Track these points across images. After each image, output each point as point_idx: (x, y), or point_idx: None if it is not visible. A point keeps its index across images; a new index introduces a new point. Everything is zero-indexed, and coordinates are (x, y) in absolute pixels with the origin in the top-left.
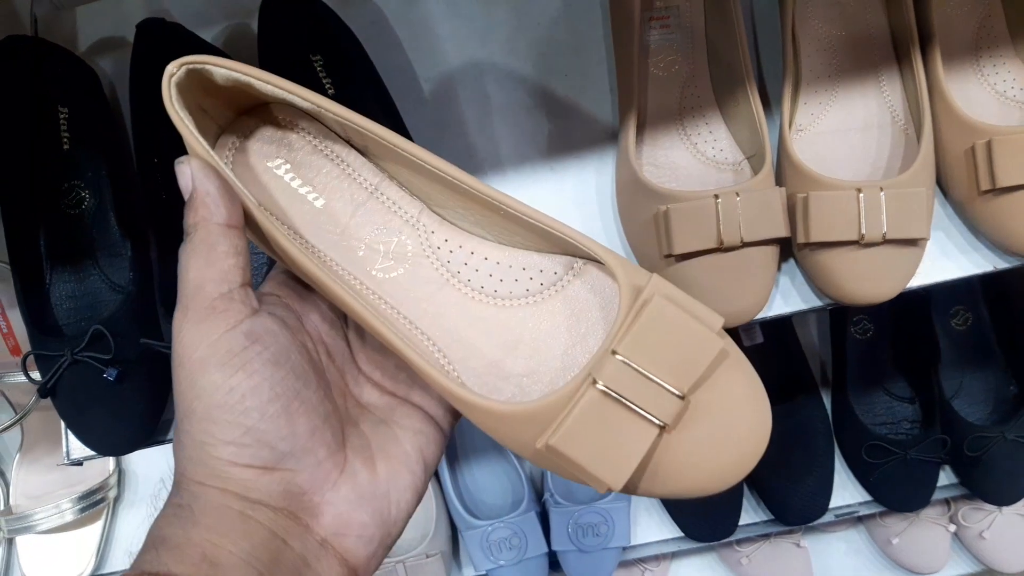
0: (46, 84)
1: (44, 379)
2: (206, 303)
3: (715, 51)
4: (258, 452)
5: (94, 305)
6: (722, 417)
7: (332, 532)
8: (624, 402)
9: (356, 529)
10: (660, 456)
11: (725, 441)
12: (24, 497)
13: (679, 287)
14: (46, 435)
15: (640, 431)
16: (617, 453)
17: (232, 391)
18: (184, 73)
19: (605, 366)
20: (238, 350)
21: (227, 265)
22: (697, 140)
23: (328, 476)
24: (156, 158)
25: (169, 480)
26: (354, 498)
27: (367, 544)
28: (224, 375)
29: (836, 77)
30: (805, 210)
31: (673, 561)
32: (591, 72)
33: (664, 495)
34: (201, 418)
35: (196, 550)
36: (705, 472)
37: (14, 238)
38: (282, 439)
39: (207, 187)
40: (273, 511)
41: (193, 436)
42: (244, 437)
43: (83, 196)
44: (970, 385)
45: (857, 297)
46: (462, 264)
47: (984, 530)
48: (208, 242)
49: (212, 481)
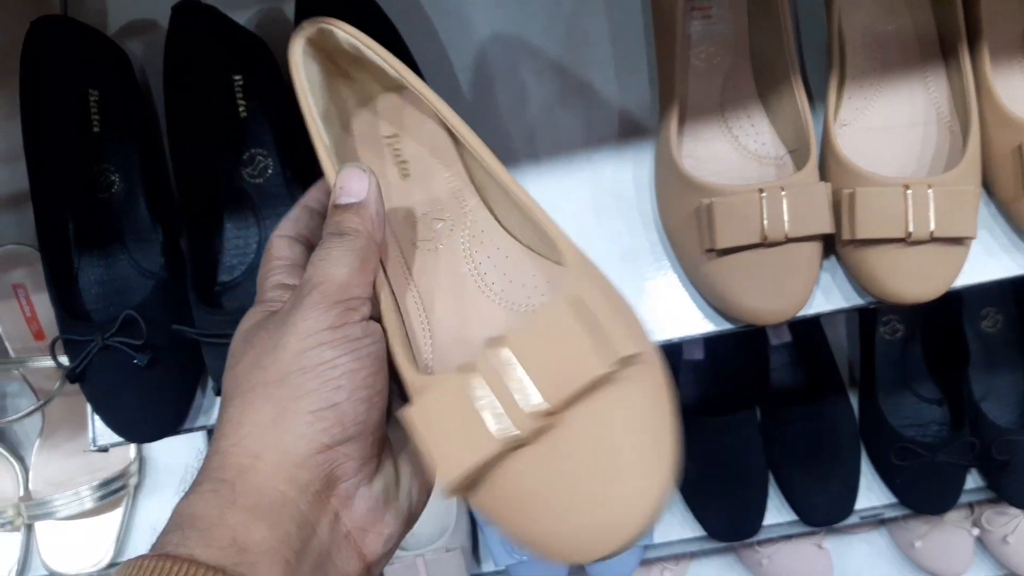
0: (77, 65)
1: (73, 364)
2: (345, 297)
3: (758, 43)
4: (331, 428)
5: (123, 291)
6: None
7: (358, 526)
8: (488, 393)
9: (379, 526)
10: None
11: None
12: (44, 483)
13: (720, 282)
14: (67, 421)
15: (492, 430)
16: (460, 446)
17: (335, 367)
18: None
19: (490, 355)
20: (353, 338)
21: (371, 280)
22: (739, 133)
23: (370, 471)
24: (189, 142)
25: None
26: (383, 496)
27: (386, 542)
28: (335, 353)
29: (881, 72)
30: (851, 206)
31: (692, 561)
32: (630, 63)
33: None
34: (295, 385)
35: (227, 533)
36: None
37: (43, 222)
38: (356, 424)
39: (378, 207)
40: (313, 497)
41: (277, 402)
42: (328, 411)
43: (113, 180)
44: (999, 388)
45: (902, 296)
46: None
47: (1008, 534)
48: (366, 254)
49: (270, 453)
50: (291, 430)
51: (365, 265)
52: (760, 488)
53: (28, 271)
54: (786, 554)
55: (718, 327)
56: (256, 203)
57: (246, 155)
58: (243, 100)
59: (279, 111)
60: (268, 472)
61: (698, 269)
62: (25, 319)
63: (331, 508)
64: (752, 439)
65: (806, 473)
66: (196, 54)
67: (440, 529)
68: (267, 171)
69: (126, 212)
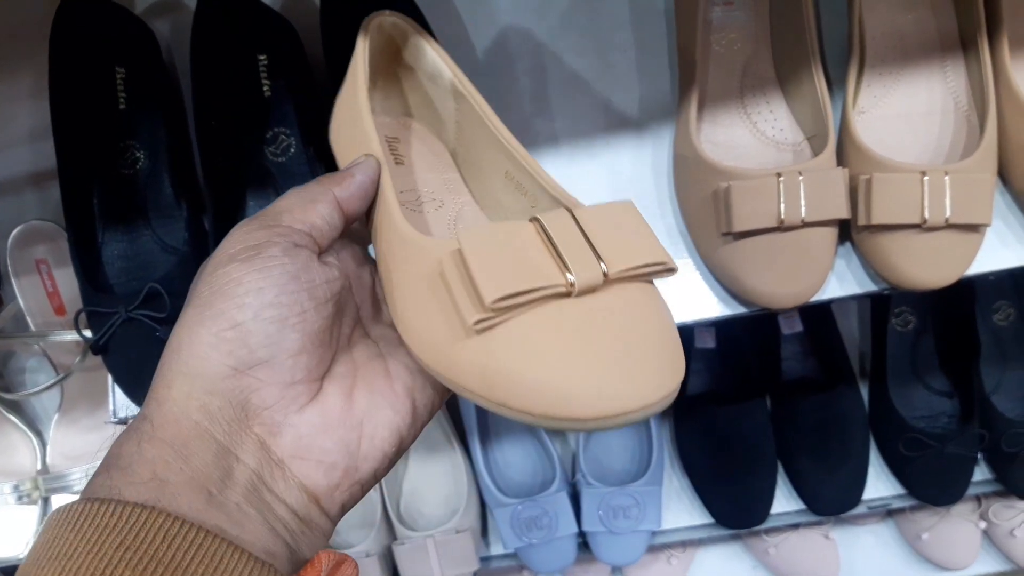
0: (104, 44)
1: (96, 336)
2: (274, 223)
3: (779, 30)
4: (235, 349)
5: (146, 266)
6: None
7: (290, 454)
8: (548, 243)
9: (316, 454)
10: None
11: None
12: (61, 457)
13: (736, 265)
14: (85, 397)
15: (545, 273)
16: (512, 273)
17: (240, 284)
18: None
19: (554, 214)
20: (266, 255)
21: (312, 220)
22: (757, 119)
23: (296, 399)
24: (215, 121)
25: None
26: (319, 424)
27: (328, 471)
28: (242, 270)
29: (901, 61)
30: (868, 192)
31: (699, 549)
32: (651, 47)
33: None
34: (200, 305)
35: (147, 468)
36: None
37: (69, 197)
38: (264, 346)
39: (359, 174)
40: (228, 423)
41: (185, 321)
42: (230, 331)
43: (138, 156)
44: (1010, 381)
45: (916, 282)
46: None
47: (1015, 528)
48: (314, 195)
49: (180, 380)
50: (196, 354)
51: (308, 204)
52: (769, 476)
53: (51, 247)
54: (793, 544)
55: (732, 311)
56: (278, 181)
57: (269, 134)
58: (267, 80)
59: (303, 91)
60: (180, 401)
61: (714, 253)
62: (47, 294)
63: (254, 436)
64: (762, 427)
65: (815, 462)
66: (222, 33)
67: (450, 511)
68: (290, 150)
69: (150, 188)
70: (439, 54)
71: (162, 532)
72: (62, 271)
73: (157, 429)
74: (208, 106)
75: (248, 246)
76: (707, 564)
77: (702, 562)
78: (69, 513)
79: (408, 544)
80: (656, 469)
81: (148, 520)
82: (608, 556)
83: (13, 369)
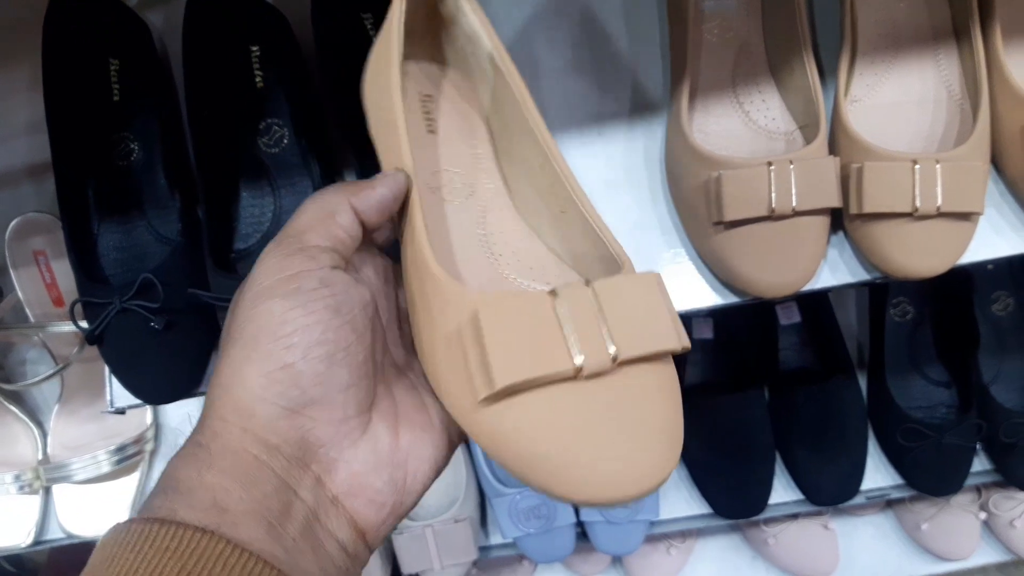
0: (97, 35)
1: (92, 326)
2: (301, 244)
3: (771, 18)
4: (287, 391)
5: (141, 256)
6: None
7: (344, 491)
8: (561, 322)
9: (369, 493)
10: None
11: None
12: (62, 447)
13: (728, 255)
14: (85, 386)
15: (555, 358)
16: (523, 358)
17: (285, 323)
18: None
19: (572, 288)
20: (307, 289)
21: (335, 233)
22: (750, 108)
23: (349, 435)
24: (206, 112)
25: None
26: (372, 461)
27: (378, 510)
28: (284, 306)
29: (893, 49)
30: (859, 180)
31: (699, 539)
32: (642, 36)
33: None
34: (246, 343)
35: (207, 495)
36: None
37: (64, 188)
38: (315, 385)
39: (381, 187)
40: (287, 460)
41: (231, 360)
42: (280, 372)
43: (132, 148)
44: (1008, 371)
45: (907, 271)
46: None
47: (1015, 518)
48: (332, 207)
49: (234, 417)
50: (247, 393)
51: (329, 217)
52: (767, 467)
53: (48, 238)
54: (792, 534)
55: (725, 300)
56: (272, 172)
57: (262, 125)
58: (260, 71)
59: (295, 82)
60: (236, 435)
61: (706, 242)
62: (45, 285)
63: (311, 473)
64: (760, 418)
65: (813, 453)
66: (214, 25)
67: (449, 500)
68: (283, 141)
69: (145, 179)
70: (480, 21)
71: (222, 560)
72: (60, 263)
73: (216, 458)
74: (201, 98)
75: (285, 277)
76: (706, 554)
77: (701, 552)
78: (128, 533)
79: (407, 534)
80: None
81: (209, 546)
82: (606, 546)
83: (13, 360)
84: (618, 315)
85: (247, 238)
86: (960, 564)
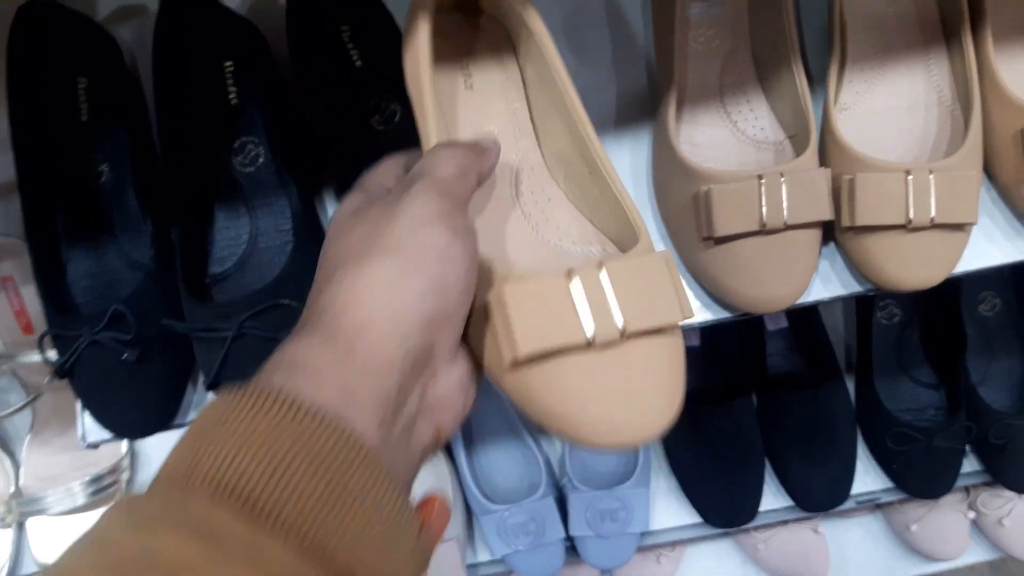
0: (65, 52)
1: (61, 359)
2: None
3: (758, 26)
4: (438, 304)
5: (112, 283)
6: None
7: (438, 402)
8: (576, 300)
9: (453, 404)
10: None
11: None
12: (35, 479)
13: (718, 270)
14: (57, 416)
15: (571, 330)
16: (542, 331)
17: (449, 246)
18: None
19: (586, 269)
20: (460, 229)
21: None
22: (738, 118)
23: (454, 355)
24: (179, 131)
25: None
26: (455, 382)
27: (455, 420)
28: (447, 236)
29: (883, 55)
30: (851, 192)
31: (689, 546)
32: (627, 46)
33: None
34: (411, 256)
35: (337, 381)
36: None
37: (30, 212)
38: (457, 307)
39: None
40: (412, 367)
41: (393, 267)
42: (437, 287)
43: (101, 169)
44: (997, 372)
45: (902, 283)
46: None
47: (1003, 517)
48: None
49: (382, 315)
50: (405, 297)
51: (464, 176)
52: (756, 474)
53: (16, 263)
54: (782, 539)
55: (716, 316)
56: (247, 193)
57: (237, 143)
58: (234, 86)
59: (271, 98)
60: (381, 335)
61: (695, 257)
62: (13, 312)
63: (422, 380)
64: (749, 425)
65: (803, 459)
66: (186, 40)
67: None
68: (258, 159)
69: (115, 202)
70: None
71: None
72: (29, 288)
73: (355, 352)
74: (172, 116)
75: (447, 214)
76: (697, 562)
77: (692, 560)
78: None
79: None
80: (643, 471)
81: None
82: (596, 560)
83: None
84: (626, 293)
85: (223, 262)
86: (950, 564)
